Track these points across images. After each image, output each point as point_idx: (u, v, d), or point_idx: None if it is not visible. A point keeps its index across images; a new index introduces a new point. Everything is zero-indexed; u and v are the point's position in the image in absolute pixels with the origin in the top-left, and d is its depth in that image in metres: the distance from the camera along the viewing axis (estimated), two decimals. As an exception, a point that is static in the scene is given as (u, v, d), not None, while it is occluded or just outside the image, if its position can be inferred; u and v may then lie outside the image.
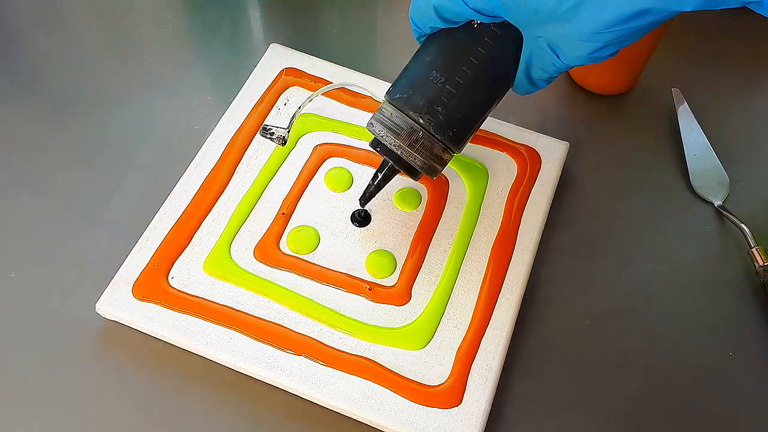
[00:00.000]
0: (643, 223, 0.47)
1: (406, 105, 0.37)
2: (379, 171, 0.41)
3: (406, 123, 0.37)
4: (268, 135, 0.40)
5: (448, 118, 0.37)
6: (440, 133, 0.37)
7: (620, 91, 0.52)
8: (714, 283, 0.45)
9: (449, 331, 0.40)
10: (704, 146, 0.49)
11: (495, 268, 0.42)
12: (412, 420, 0.37)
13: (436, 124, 0.37)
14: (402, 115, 0.37)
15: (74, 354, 0.40)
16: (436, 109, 0.36)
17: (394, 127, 0.37)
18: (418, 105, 0.37)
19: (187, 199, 0.44)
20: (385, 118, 0.38)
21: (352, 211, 0.44)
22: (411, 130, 0.37)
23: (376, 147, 0.39)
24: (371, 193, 0.42)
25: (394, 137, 0.37)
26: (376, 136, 0.38)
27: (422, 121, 0.37)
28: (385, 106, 0.38)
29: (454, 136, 0.37)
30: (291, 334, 0.40)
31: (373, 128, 0.38)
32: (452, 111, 0.37)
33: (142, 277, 0.41)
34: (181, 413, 0.39)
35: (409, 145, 0.37)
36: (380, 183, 0.41)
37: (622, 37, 0.32)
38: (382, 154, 0.39)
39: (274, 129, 0.40)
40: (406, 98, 0.37)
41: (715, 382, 0.41)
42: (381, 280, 0.42)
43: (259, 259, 0.42)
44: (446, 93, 0.36)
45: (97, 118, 0.49)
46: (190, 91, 0.50)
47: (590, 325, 0.43)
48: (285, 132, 0.40)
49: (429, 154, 0.38)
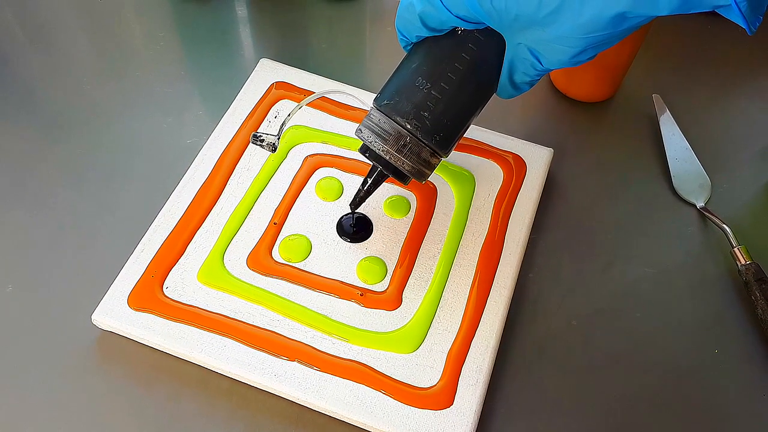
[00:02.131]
0: (628, 225, 0.48)
1: (393, 111, 0.37)
2: (368, 176, 0.41)
3: (394, 128, 0.37)
4: (258, 142, 0.41)
5: (435, 123, 0.37)
6: (427, 138, 0.37)
7: (602, 98, 0.53)
8: (698, 282, 0.46)
9: (440, 335, 0.41)
10: (686, 150, 0.50)
11: (483, 272, 0.43)
12: (405, 422, 0.38)
13: (423, 129, 0.37)
14: (390, 121, 0.38)
15: (71, 365, 0.40)
16: (422, 114, 0.37)
17: (382, 132, 0.38)
18: (405, 111, 0.37)
19: (180, 210, 0.44)
20: (373, 124, 0.38)
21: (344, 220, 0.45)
22: (399, 135, 0.37)
23: (365, 153, 0.39)
24: (361, 198, 0.42)
25: (382, 143, 0.38)
26: (364, 142, 0.39)
27: (409, 127, 0.37)
28: (373, 112, 0.39)
29: (441, 140, 0.38)
30: (284, 340, 0.40)
31: (362, 134, 0.39)
32: (438, 116, 0.37)
33: (137, 288, 0.41)
34: (177, 421, 0.39)
35: (397, 150, 0.38)
36: (370, 188, 0.41)
37: (600, 41, 0.33)
38: (371, 159, 0.39)
39: (264, 136, 0.41)
40: (393, 104, 0.37)
41: (701, 380, 0.42)
42: (372, 286, 0.42)
43: (252, 268, 0.42)
44: (432, 98, 0.37)
45: (90, 134, 0.49)
46: (182, 107, 0.51)
47: (577, 325, 0.43)
48: (275, 139, 0.41)
49: (417, 158, 0.38)
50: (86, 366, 0.40)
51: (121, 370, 0.40)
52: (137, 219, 0.44)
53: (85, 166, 0.48)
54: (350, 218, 0.45)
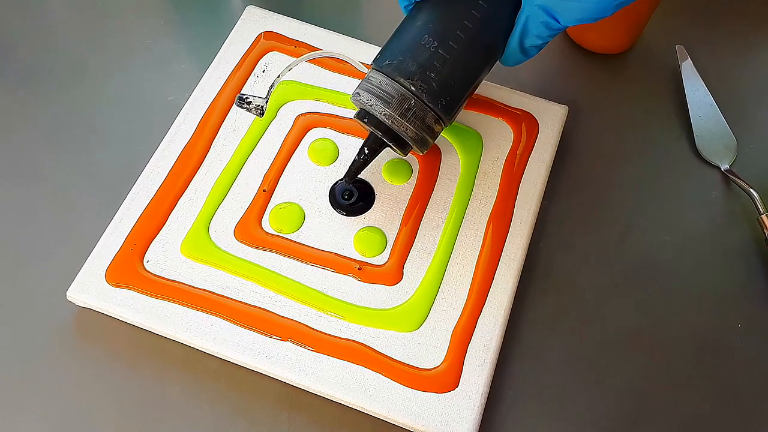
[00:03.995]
0: (646, 190, 0.45)
1: (396, 71, 0.36)
2: (365, 145, 0.39)
3: (397, 90, 0.36)
4: (244, 105, 0.38)
5: (442, 85, 0.36)
6: (433, 102, 0.36)
7: (621, 49, 0.50)
8: (721, 252, 0.43)
9: (444, 311, 0.39)
10: (710, 107, 0.48)
11: (491, 242, 0.41)
12: (406, 406, 0.36)
13: (429, 92, 0.36)
14: (392, 83, 0.36)
15: (46, 344, 0.39)
16: (428, 75, 0.35)
17: (384, 95, 0.36)
18: (409, 71, 0.35)
19: (161, 176, 0.42)
20: (374, 87, 0.36)
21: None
22: (402, 98, 0.36)
23: (364, 119, 0.37)
24: (357, 168, 0.40)
25: (384, 106, 0.36)
26: (363, 107, 0.37)
27: (414, 89, 0.35)
28: (373, 74, 0.37)
29: (447, 104, 0.36)
30: (276, 318, 0.38)
31: (360, 98, 0.37)
32: (445, 77, 0.36)
33: (115, 262, 0.39)
34: (162, 404, 0.37)
35: (400, 115, 0.36)
36: (367, 158, 0.39)
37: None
38: (370, 126, 0.37)
39: (251, 98, 0.38)
40: (396, 64, 0.36)
41: (723, 358, 0.40)
42: (371, 259, 0.40)
43: (240, 240, 0.40)
44: (439, 58, 0.35)
45: (62, 91, 0.47)
46: (163, 60, 0.48)
47: (591, 299, 0.42)
48: (263, 102, 0.38)
49: (421, 124, 0.36)
50: (63, 345, 0.39)
51: (100, 350, 0.39)
52: (114, 185, 0.43)
53: (57, 127, 0.45)
54: (344, 186, 0.42)
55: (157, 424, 0.37)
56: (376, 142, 0.39)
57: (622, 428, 0.38)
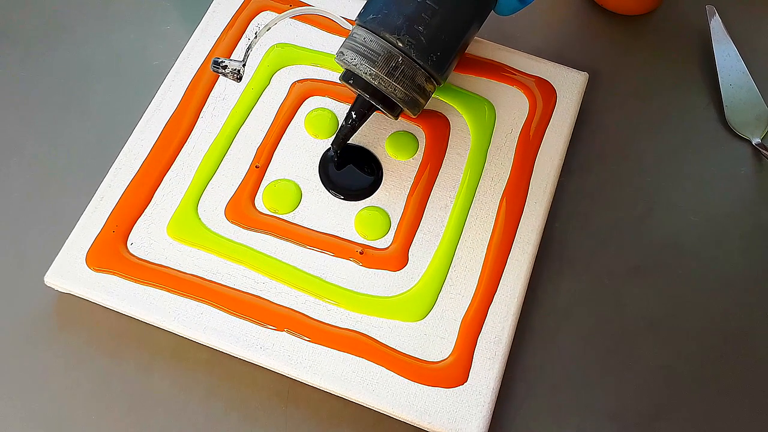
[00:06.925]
0: (671, 165, 0.44)
1: (381, 26, 0.34)
2: (352, 109, 0.38)
3: (383, 48, 0.34)
4: (219, 69, 0.36)
5: (431, 39, 0.34)
6: (422, 58, 0.35)
7: (645, 10, 0.48)
8: (750, 233, 0.42)
9: (452, 299, 0.37)
10: (742, 74, 0.46)
11: (504, 223, 0.39)
12: (411, 401, 0.35)
13: (418, 47, 0.34)
14: (378, 39, 0.35)
15: (24, 332, 0.37)
16: (416, 29, 0.34)
17: (369, 53, 0.35)
18: (395, 25, 0.34)
19: (145, 150, 0.40)
20: (358, 44, 0.35)
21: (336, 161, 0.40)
22: (389, 56, 0.34)
23: (349, 80, 0.36)
24: (345, 135, 0.39)
25: (370, 65, 0.35)
26: (347, 67, 0.36)
27: (401, 45, 0.34)
28: (357, 30, 0.35)
29: (438, 61, 0.35)
30: (271, 306, 0.37)
31: (344, 57, 0.35)
32: (435, 31, 0.34)
33: (96, 244, 0.38)
34: (149, 398, 0.36)
35: (387, 74, 0.35)
36: (354, 123, 0.38)
37: None
38: (356, 88, 0.36)
39: (226, 62, 0.36)
40: (381, 18, 0.34)
41: (751, 349, 0.39)
42: (373, 242, 0.39)
43: (232, 220, 0.39)
44: (428, 9, 0.34)
45: (36, 55, 0.45)
46: (148, 19, 0.46)
47: (610, 284, 0.40)
48: (239, 65, 0.36)
49: (410, 83, 0.35)
50: (42, 333, 0.37)
51: (83, 338, 0.37)
52: (94, 159, 0.41)
53: (31, 96, 0.43)
54: (335, 161, 0.40)
55: (144, 418, 0.36)
56: (364, 105, 0.37)
57: (642, 424, 0.37)
